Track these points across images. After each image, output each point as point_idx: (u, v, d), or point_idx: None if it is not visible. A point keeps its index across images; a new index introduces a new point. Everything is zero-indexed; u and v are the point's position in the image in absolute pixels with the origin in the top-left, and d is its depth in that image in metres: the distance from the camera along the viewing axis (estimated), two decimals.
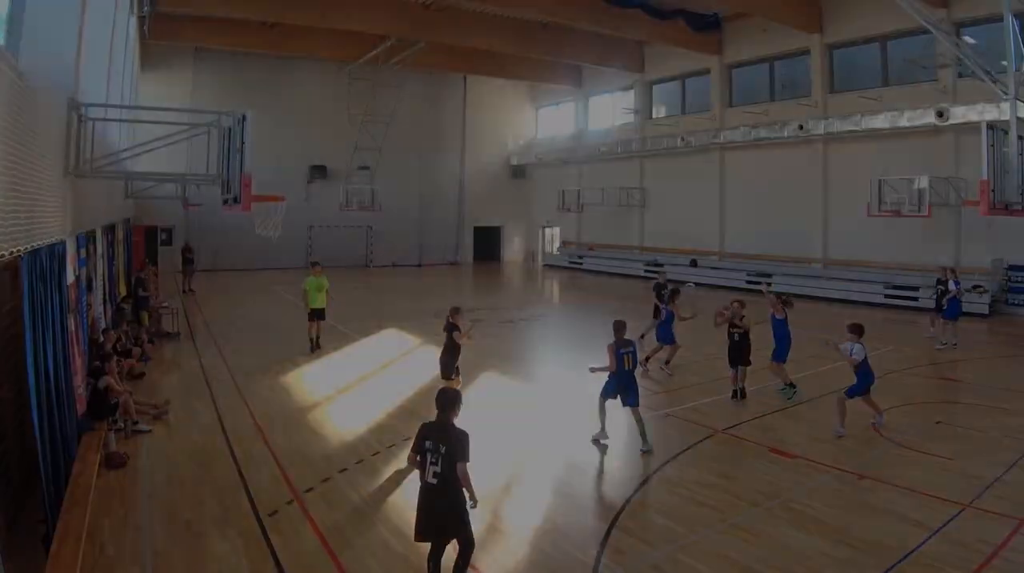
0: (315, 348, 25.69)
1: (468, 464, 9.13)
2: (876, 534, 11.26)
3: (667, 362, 23.03)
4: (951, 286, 26.58)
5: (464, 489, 9.15)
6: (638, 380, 16.20)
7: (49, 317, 11.66)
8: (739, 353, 19.60)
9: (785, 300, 20.31)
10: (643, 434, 15.52)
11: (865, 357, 16.27)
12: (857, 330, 16.56)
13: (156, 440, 16.15)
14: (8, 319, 12.58)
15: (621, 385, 15.84)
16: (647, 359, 22.76)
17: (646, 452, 15.34)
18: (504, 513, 12.31)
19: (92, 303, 20.42)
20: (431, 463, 9.15)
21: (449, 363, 19.04)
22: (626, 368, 15.73)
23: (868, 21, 41.05)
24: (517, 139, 73.36)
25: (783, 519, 11.83)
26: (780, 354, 19.76)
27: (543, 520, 12.02)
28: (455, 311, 19.24)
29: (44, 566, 9.33)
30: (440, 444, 9.17)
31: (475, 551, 9.66)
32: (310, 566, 10.44)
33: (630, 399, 15.87)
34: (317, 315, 25.85)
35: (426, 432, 9.46)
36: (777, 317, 19.90)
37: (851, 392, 16.43)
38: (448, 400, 9.63)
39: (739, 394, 19.45)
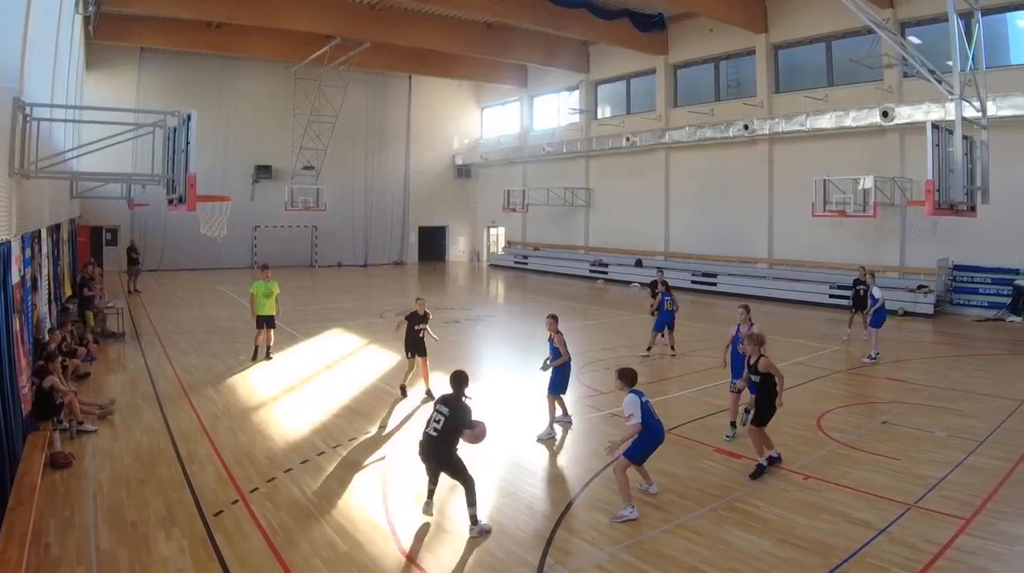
0: (265, 358, 24.53)
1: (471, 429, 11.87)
2: (821, 534, 11.35)
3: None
4: (875, 293, 25.67)
5: (457, 443, 11.90)
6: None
7: None
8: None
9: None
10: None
11: (643, 409, 12.24)
12: (627, 378, 12.78)
13: (101, 440, 15.99)
14: None
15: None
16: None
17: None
18: (449, 513, 12.31)
19: (37, 303, 20.11)
20: (435, 421, 11.73)
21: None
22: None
23: (813, 21, 41.40)
24: (462, 139, 73.57)
25: (728, 519, 11.86)
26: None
27: (488, 520, 11.94)
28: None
29: None
30: (447, 408, 11.77)
31: (420, 551, 10.84)
32: (255, 565, 10.40)
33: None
34: (266, 323, 24.64)
35: (442, 398, 12.09)
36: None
37: (629, 455, 12.36)
38: (460, 380, 12.33)
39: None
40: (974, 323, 34.02)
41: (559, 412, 17.22)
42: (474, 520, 11.55)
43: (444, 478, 12.12)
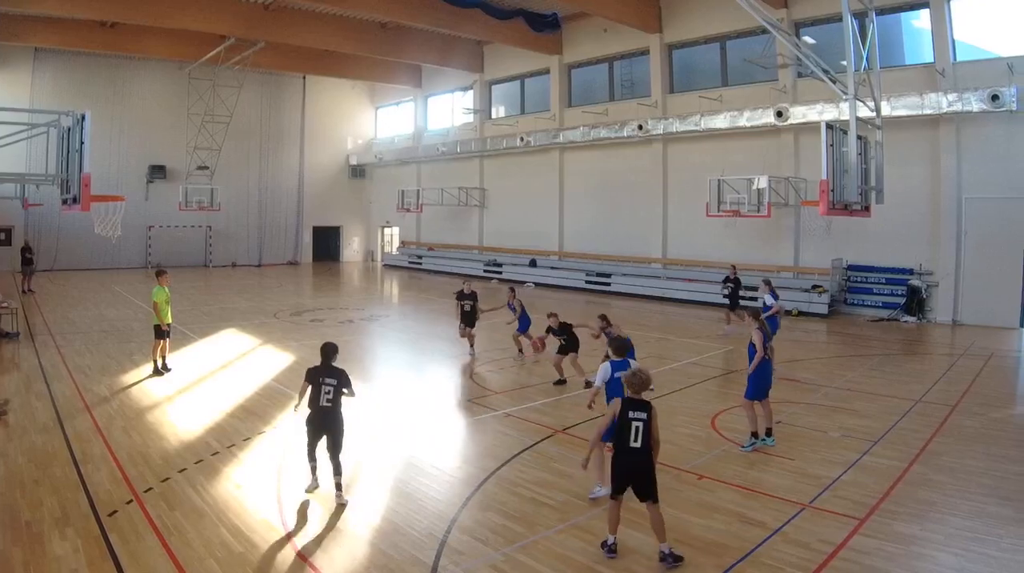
0: (165, 369, 22.77)
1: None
2: (716, 534, 11.28)
3: None
4: (768, 300, 23.91)
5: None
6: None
7: None
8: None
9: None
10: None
11: (612, 381, 13.13)
12: (614, 347, 13.70)
13: None
14: None
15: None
16: None
17: None
18: (344, 513, 12.14)
19: None
20: (325, 392, 12.79)
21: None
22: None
23: (708, 21, 41.54)
24: (356, 139, 73.46)
25: (623, 519, 11.20)
26: None
27: (382, 520, 11.88)
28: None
29: None
30: (334, 378, 12.93)
31: (314, 551, 10.72)
32: (149, 566, 10.14)
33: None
34: (167, 331, 22.83)
35: (318, 372, 13.07)
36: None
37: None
38: (331, 350, 13.49)
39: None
40: (868, 323, 34.28)
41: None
42: (339, 488, 12.60)
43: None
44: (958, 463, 14.50)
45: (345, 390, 13.02)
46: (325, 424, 12.85)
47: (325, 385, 12.86)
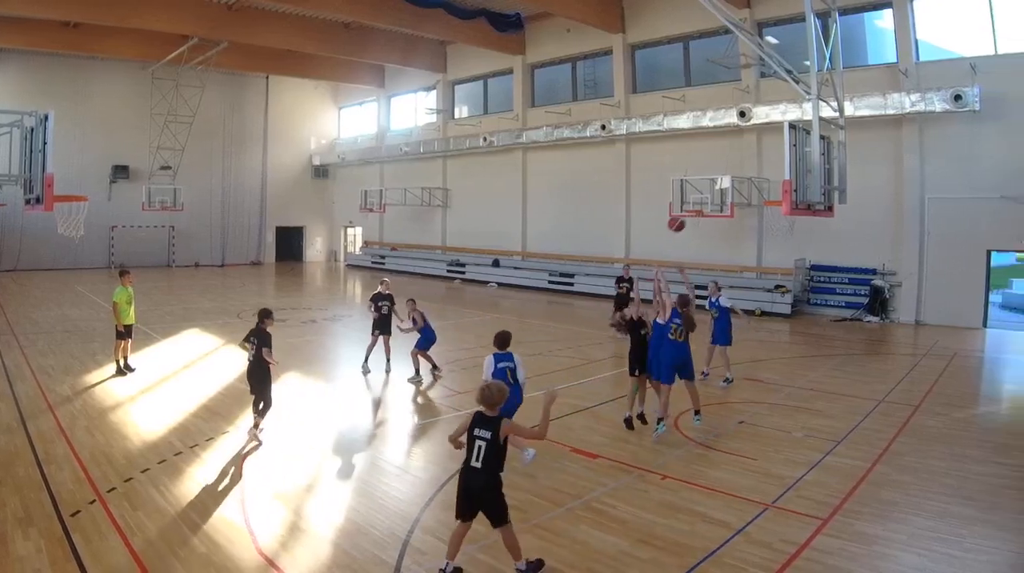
0: (127, 369, 22.49)
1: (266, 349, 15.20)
2: (679, 534, 11.24)
3: None
4: (721, 302, 22.05)
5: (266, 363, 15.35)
6: None
7: None
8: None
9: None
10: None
11: (496, 372, 13.84)
12: (496, 340, 14.44)
13: None
14: None
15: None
16: None
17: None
18: (305, 513, 12.13)
19: None
20: (251, 350, 14.99)
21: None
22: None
23: (671, 21, 41.58)
24: (320, 139, 73.42)
25: (585, 519, 11.71)
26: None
27: (344, 520, 11.80)
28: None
29: None
30: (256, 337, 15.24)
31: (277, 551, 10.63)
32: (112, 566, 10.03)
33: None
34: (129, 332, 22.55)
35: (251, 332, 15.53)
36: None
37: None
38: (265, 314, 15.70)
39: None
40: (831, 323, 34.36)
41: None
42: (257, 426, 15.41)
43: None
44: (921, 463, 14.49)
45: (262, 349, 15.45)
46: (254, 377, 15.72)
47: (250, 343, 15.78)
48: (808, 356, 26.78)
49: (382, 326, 22.74)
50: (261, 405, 15.60)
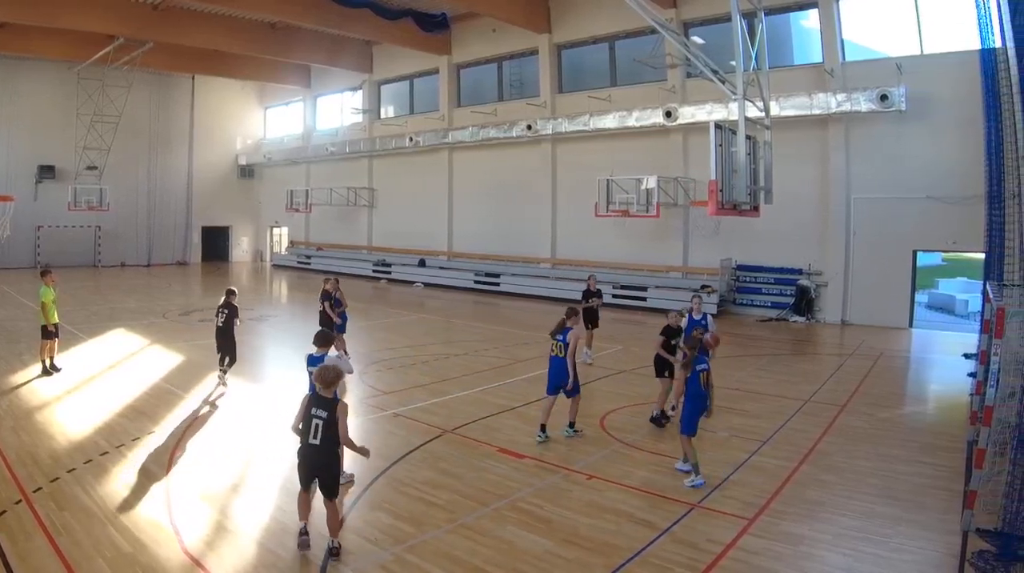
0: (53, 369, 22.17)
1: None
2: (605, 534, 11.28)
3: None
4: (710, 324, 22.11)
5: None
6: None
7: None
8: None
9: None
10: None
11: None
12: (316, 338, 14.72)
13: None
14: None
15: None
16: None
17: None
18: (232, 513, 12.09)
19: None
20: (219, 319, 18.07)
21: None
22: None
23: (596, 21, 41.65)
24: (246, 139, 72.90)
25: (511, 519, 11.76)
26: None
27: (270, 519, 11.78)
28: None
29: None
30: (224, 310, 17.85)
31: (204, 551, 10.51)
32: (38, 566, 9.96)
33: None
34: (55, 331, 22.28)
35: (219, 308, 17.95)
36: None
37: None
38: (231, 292, 18.41)
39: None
40: (757, 323, 34.60)
41: None
42: (224, 373, 19.23)
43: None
44: (847, 463, 14.59)
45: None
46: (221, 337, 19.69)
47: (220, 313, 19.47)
48: (734, 356, 26.68)
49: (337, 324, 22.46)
50: (227, 360, 20.22)
